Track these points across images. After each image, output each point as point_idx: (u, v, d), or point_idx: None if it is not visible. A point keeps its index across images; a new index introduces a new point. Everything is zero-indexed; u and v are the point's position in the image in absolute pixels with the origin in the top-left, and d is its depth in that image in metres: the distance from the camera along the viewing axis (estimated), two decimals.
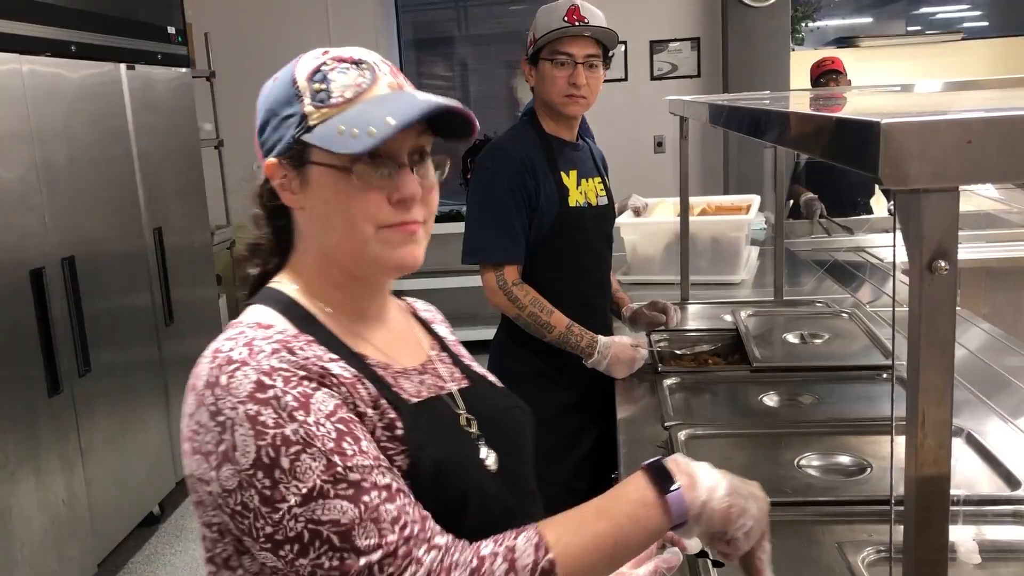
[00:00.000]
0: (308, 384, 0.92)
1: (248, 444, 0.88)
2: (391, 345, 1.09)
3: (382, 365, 1.04)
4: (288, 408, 0.89)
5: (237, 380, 0.90)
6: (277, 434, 0.87)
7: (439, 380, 1.10)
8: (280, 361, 0.92)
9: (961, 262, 0.67)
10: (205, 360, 0.95)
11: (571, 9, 2.19)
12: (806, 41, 6.08)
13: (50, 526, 2.99)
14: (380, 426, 0.96)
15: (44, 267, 3.00)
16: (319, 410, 0.90)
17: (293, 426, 0.88)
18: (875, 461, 1.63)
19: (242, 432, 0.88)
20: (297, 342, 0.96)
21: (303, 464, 0.87)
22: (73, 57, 3.33)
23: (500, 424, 1.11)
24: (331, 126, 0.97)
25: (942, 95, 1.69)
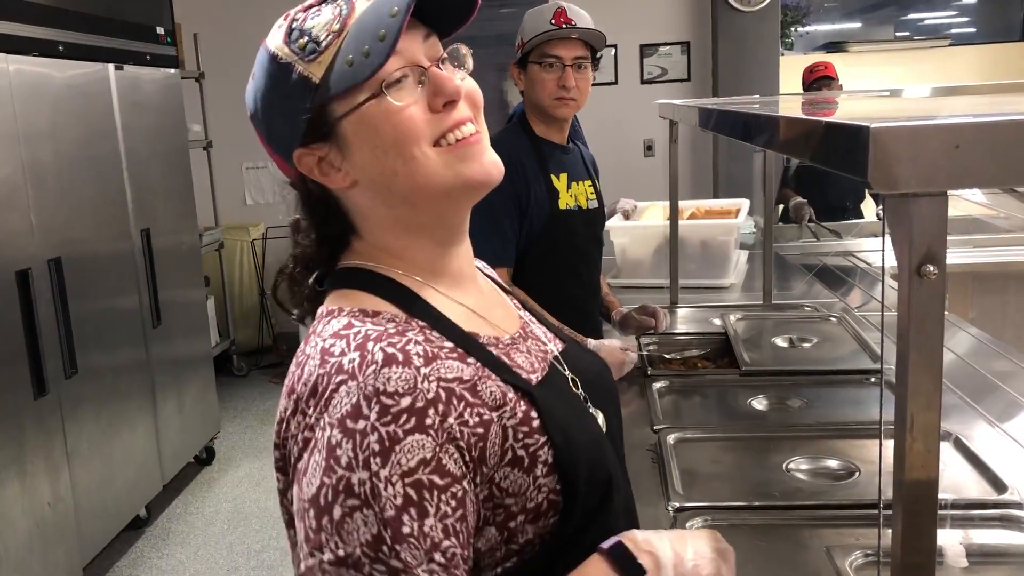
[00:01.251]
0: (405, 422, 0.81)
1: (315, 475, 0.81)
2: (491, 311, 1.01)
3: (493, 341, 0.95)
4: (368, 450, 0.79)
5: (339, 397, 0.82)
6: (343, 477, 0.79)
7: (540, 343, 1.03)
8: (389, 379, 0.82)
9: (949, 267, 0.67)
10: (312, 362, 0.86)
11: (558, 12, 2.19)
12: (796, 46, 6.11)
13: (35, 529, 2.97)
14: (512, 424, 0.87)
15: (30, 268, 2.98)
16: (398, 463, 0.80)
17: (362, 475, 0.79)
18: (863, 465, 1.64)
19: (317, 459, 0.81)
20: (412, 335, 0.86)
21: (353, 523, 0.79)
22: (61, 57, 3.31)
23: (598, 383, 1.05)
24: (339, 65, 0.87)
25: (930, 100, 1.70)
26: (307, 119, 0.89)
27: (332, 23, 0.89)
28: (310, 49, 0.89)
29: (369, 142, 0.89)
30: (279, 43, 0.92)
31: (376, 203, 0.93)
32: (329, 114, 0.89)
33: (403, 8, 0.85)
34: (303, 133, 0.90)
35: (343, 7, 0.90)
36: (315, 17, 0.91)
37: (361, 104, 0.88)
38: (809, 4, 6.18)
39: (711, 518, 1.47)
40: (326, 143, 0.90)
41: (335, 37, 0.88)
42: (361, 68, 0.85)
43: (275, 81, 0.91)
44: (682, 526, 1.44)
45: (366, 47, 0.85)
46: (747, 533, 1.45)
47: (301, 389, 0.85)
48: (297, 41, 0.90)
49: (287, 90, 0.90)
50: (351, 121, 0.89)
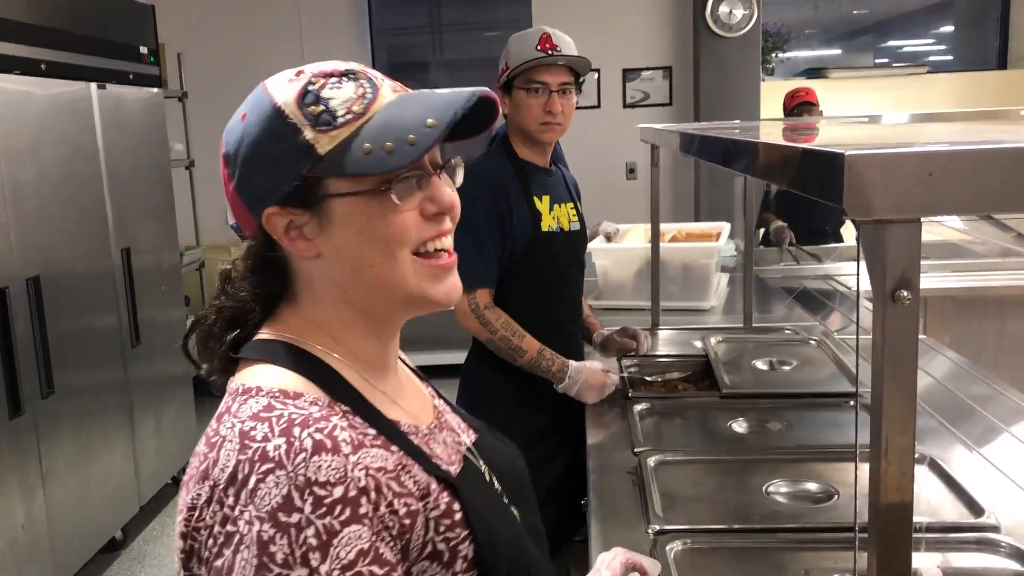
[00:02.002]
0: (340, 513, 0.77)
1: (246, 574, 0.76)
2: (410, 401, 0.99)
3: (413, 430, 0.93)
4: (305, 546, 0.76)
5: (266, 488, 0.77)
6: (280, 575, 0.75)
7: (453, 434, 1.00)
8: (319, 468, 0.78)
9: (927, 291, 0.68)
10: (230, 445, 0.80)
11: (543, 37, 2.21)
12: (776, 72, 6.17)
13: (7, 551, 2.93)
14: (435, 516, 0.85)
15: (8, 287, 2.96)
16: (338, 557, 0.76)
17: (301, 572, 0.75)
18: (842, 488, 1.64)
19: (246, 556, 0.76)
20: (336, 421, 0.83)
21: None
22: (43, 76, 3.31)
23: (512, 477, 1.03)
24: (354, 148, 0.84)
25: (907, 127, 1.72)
26: (296, 185, 0.86)
27: (354, 103, 0.86)
28: (324, 120, 0.85)
29: (356, 228, 0.87)
30: (289, 100, 0.87)
31: (333, 280, 0.91)
32: (322, 187, 0.86)
33: (442, 125, 0.84)
34: (285, 195, 0.87)
35: (368, 91, 0.88)
36: (335, 89, 0.87)
37: (362, 192, 0.86)
38: (790, 30, 6.25)
39: (691, 541, 1.47)
40: (307, 212, 0.87)
41: (355, 118, 0.86)
42: (379, 161, 0.83)
43: (273, 136, 0.87)
44: (662, 549, 1.43)
45: (390, 143, 0.83)
46: (727, 556, 1.45)
47: (218, 475, 0.80)
48: (310, 107, 0.86)
49: (284, 149, 0.86)
50: (345, 203, 0.86)
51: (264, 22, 5.94)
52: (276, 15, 5.94)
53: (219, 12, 5.95)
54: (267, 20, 5.94)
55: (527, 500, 1.03)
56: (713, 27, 5.50)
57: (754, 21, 5.48)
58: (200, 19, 5.90)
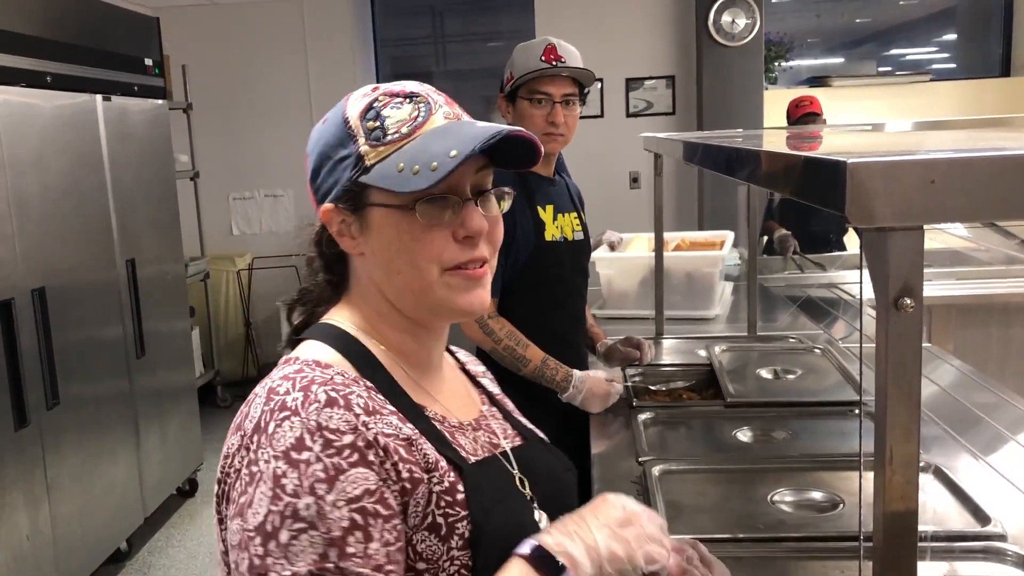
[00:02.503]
0: (348, 456, 0.86)
1: (261, 505, 0.84)
2: (448, 397, 1.06)
3: (439, 418, 1.00)
4: (313, 477, 0.84)
5: (282, 431, 0.86)
6: (290, 504, 0.83)
7: (493, 437, 1.06)
8: (331, 418, 0.87)
9: (931, 299, 0.68)
10: (258, 400, 0.91)
11: (548, 48, 2.21)
12: (779, 80, 6.17)
13: (12, 563, 2.93)
14: (438, 491, 0.91)
15: (13, 298, 2.97)
16: (344, 491, 0.84)
17: (308, 500, 0.83)
18: (848, 497, 1.64)
19: (263, 490, 0.85)
20: (356, 389, 0.92)
21: (300, 544, 0.82)
22: (49, 88, 3.32)
23: (552, 486, 1.08)
24: (390, 164, 0.94)
25: (910, 135, 1.72)
26: (346, 188, 0.96)
27: (404, 124, 0.96)
28: (375, 136, 0.96)
29: (387, 237, 0.96)
30: (355, 113, 0.98)
31: (373, 278, 1.01)
32: (367, 195, 0.96)
33: (460, 157, 0.90)
34: (339, 195, 0.97)
35: (421, 114, 0.97)
36: (395, 108, 0.97)
37: (395, 206, 0.94)
38: (792, 39, 6.26)
39: None
40: (353, 214, 0.98)
41: (401, 139, 0.95)
42: (404, 181, 0.91)
43: (337, 141, 0.98)
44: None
45: (417, 166, 0.91)
46: (732, 566, 1.44)
47: (247, 425, 0.90)
48: (369, 122, 0.97)
49: (342, 155, 0.97)
50: (381, 212, 0.96)
51: (268, 34, 5.96)
52: (280, 27, 5.97)
53: (223, 24, 5.97)
54: (271, 32, 5.96)
55: (562, 510, 1.03)
56: (716, 36, 5.51)
57: (756, 30, 5.49)
58: (204, 31, 5.92)
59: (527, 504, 1.02)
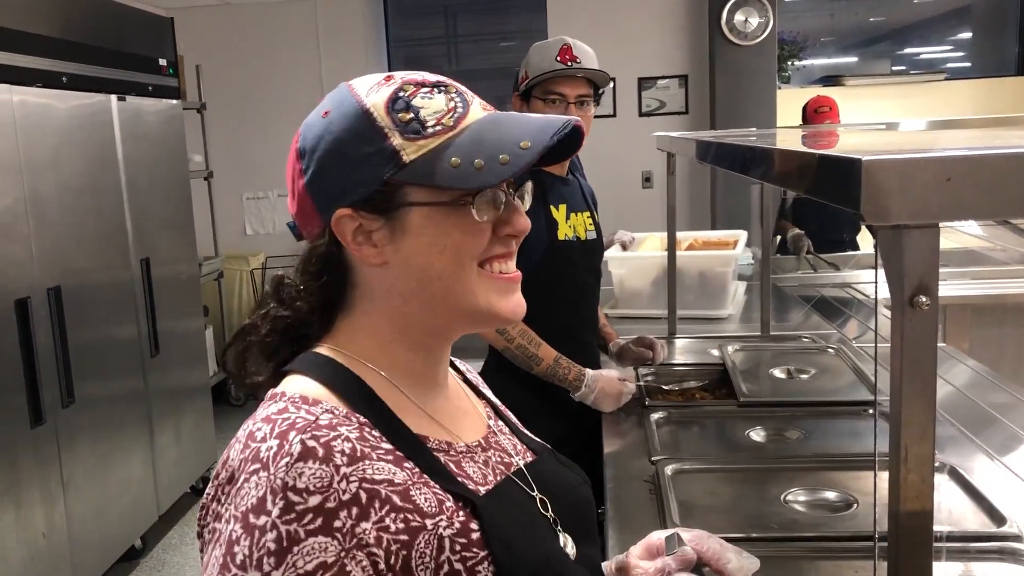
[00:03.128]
0: (309, 522, 0.76)
1: (213, 571, 0.78)
2: (453, 417, 0.96)
3: (443, 447, 0.90)
4: (263, 549, 0.75)
5: (247, 488, 0.78)
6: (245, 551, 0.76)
7: (504, 455, 0.97)
8: (301, 474, 0.77)
9: (945, 299, 0.68)
10: (238, 445, 0.82)
11: (564, 48, 2.21)
12: (792, 79, 6.15)
13: (29, 560, 2.95)
14: (449, 535, 0.81)
15: (30, 297, 2.99)
16: (293, 566, 0.75)
17: (253, 575, 0.75)
18: (861, 497, 1.63)
19: (216, 554, 0.78)
20: (344, 431, 0.82)
21: None
22: (64, 88, 3.34)
23: (571, 503, 0.99)
24: (438, 159, 0.84)
25: (924, 134, 1.72)
26: (375, 189, 0.85)
27: (445, 115, 0.86)
28: (413, 128, 0.85)
29: (430, 239, 0.86)
30: (378, 103, 0.86)
31: (396, 289, 0.89)
32: (402, 195, 0.86)
33: (537, 148, 0.84)
34: (361, 197, 0.86)
35: (459, 105, 0.88)
36: (427, 98, 0.87)
37: (442, 203, 0.85)
38: (806, 38, 6.24)
39: None
40: (380, 218, 0.86)
41: (444, 131, 0.86)
42: (468, 177, 0.83)
43: (357, 137, 0.86)
44: None
45: (480, 160, 0.83)
46: None
47: (222, 473, 0.82)
48: (400, 113, 0.86)
49: (368, 152, 0.85)
50: (422, 212, 0.86)
51: (281, 34, 5.98)
52: (293, 27, 5.99)
53: (237, 24, 6.00)
54: (284, 32, 5.98)
55: (584, 529, 0.99)
56: (729, 35, 5.49)
57: (770, 29, 5.47)
58: (218, 31, 5.95)
59: (550, 528, 0.93)
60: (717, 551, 1.01)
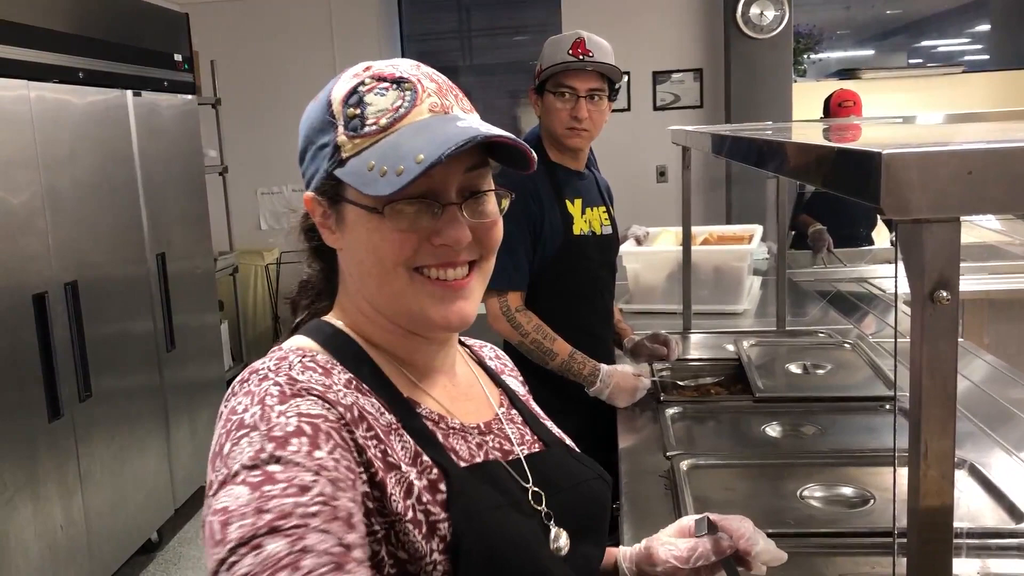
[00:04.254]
0: (308, 395, 0.81)
1: (220, 436, 0.80)
2: (453, 399, 0.95)
3: (434, 417, 0.90)
4: (264, 393, 0.80)
5: (250, 384, 0.82)
6: (236, 420, 0.79)
7: (505, 443, 0.96)
8: (304, 373, 0.83)
9: (964, 294, 0.67)
10: (236, 381, 0.86)
11: (577, 42, 2.20)
12: (808, 73, 6.11)
13: (47, 552, 2.97)
14: (420, 485, 0.83)
15: (47, 292, 3.00)
16: (296, 406, 0.79)
17: (255, 410, 0.79)
18: (878, 493, 1.62)
19: (219, 426, 0.82)
20: (336, 371, 0.87)
21: (239, 448, 0.77)
22: (80, 83, 3.36)
23: (574, 498, 0.96)
24: (362, 161, 0.84)
25: (944, 127, 1.70)
26: (323, 179, 0.89)
27: (384, 115, 0.85)
28: (353, 126, 0.86)
29: (359, 236, 0.88)
30: (338, 96, 0.88)
31: (351, 275, 0.94)
32: (341, 190, 0.88)
33: (427, 163, 0.80)
34: (318, 185, 0.90)
35: (404, 105, 0.86)
36: (378, 95, 0.86)
37: (364, 206, 0.86)
38: (822, 31, 6.19)
39: None
40: (331, 207, 0.90)
41: (377, 132, 0.85)
42: (372, 182, 0.82)
43: (319, 123, 0.90)
44: None
45: (385, 168, 0.81)
46: None
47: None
48: (350, 108, 0.86)
49: (323, 142, 0.88)
50: (354, 210, 0.88)
51: (296, 29, 5.99)
52: (307, 22, 5.99)
53: (251, 19, 6.01)
54: (299, 27, 5.99)
55: (587, 527, 0.96)
56: (744, 28, 5.46)
57: (785, 22, 5.44)
58: (233, 26, 5.96)
59: (534, 518, 0.90)
60: (748, 532, 1.01)
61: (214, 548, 0.72)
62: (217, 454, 0.79)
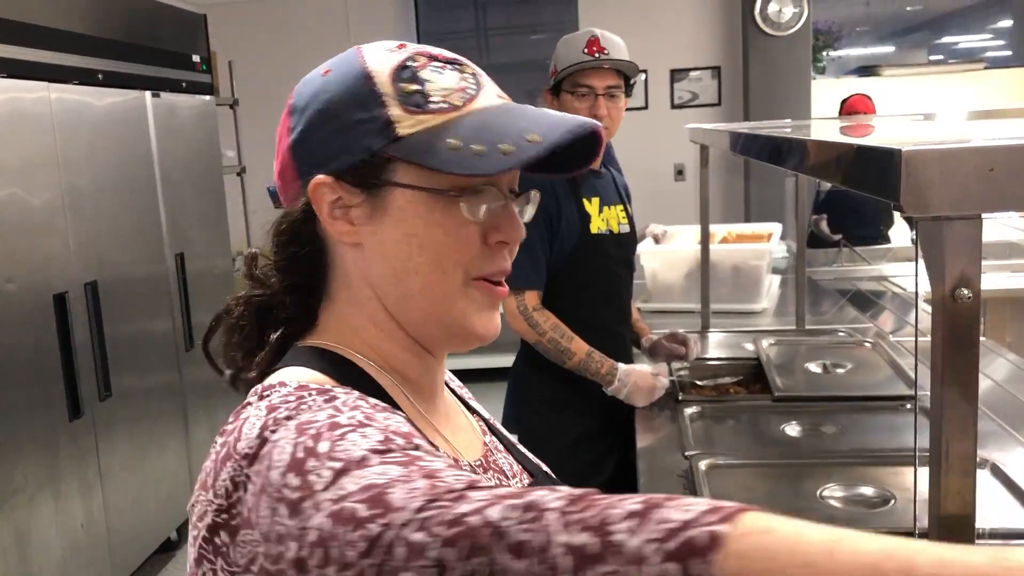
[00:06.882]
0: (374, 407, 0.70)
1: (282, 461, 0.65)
2: (454, 432, 0.88)
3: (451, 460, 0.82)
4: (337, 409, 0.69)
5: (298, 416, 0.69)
6: (318, 427, 0.66)
7: (502, 477, 0.90)
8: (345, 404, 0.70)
9: (985, 292, 0.66)
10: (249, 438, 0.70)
11: (591, 40, 2.20)
12: (828, 70, 6.08)
13: (68, 550, 2.99)
14: None
15: (67, 291, 3.03)
16: (386, 417, 0.68)
17: (352, 414, 0.68)
18: (899, 492, 1.61)
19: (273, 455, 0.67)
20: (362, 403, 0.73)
21: (348, 441, 0.64)
22: (100, 85, 3.38)
23: None
24: (434, 138, 0.75)
25: (964, 124, 1.68)
26: (360, 159, 0.77)
27: (452, 94, 0.78)
28: (415, 101, 0.77)
29: (409, 228, 0.77)
30: (382, 69, 0.78)
31: (369, 278, 0.81)
32: (388, 171, 0.77)
33: (545, 143, 0.74)
34: (344, 166, 0.77)
35: (471, 86, 0.80)
36: (436, 73, 0.79)
37: (429, 189, 0.76)
38: (841, 28, 6.15)
39: None
40: (361, 193, 0.78)
41: (449, 109, 0.77)
42: (463, 161, 0.73)
43: (353, 100, 0.78)
44: None
45: (480, 146, 0.74)
46: None
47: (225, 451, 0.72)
48: (405, 83, 0.77)
49: (360, 118, 0.77)
50: (406, 195, 0.77)
51: (312, 30, 6.01)
52: (324, 23, 6.01)
53: (269, 20, 6.04)
54: (315, 28, 6.01)
55: None
56: (762, 26, 5.44)
57: (804, 19, 5.41)
58: (250, 27, 5.99)
59: None
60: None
61: (364, 527, 0.57)
62: (300, 461, 0.63)
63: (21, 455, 2.79)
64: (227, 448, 0.72)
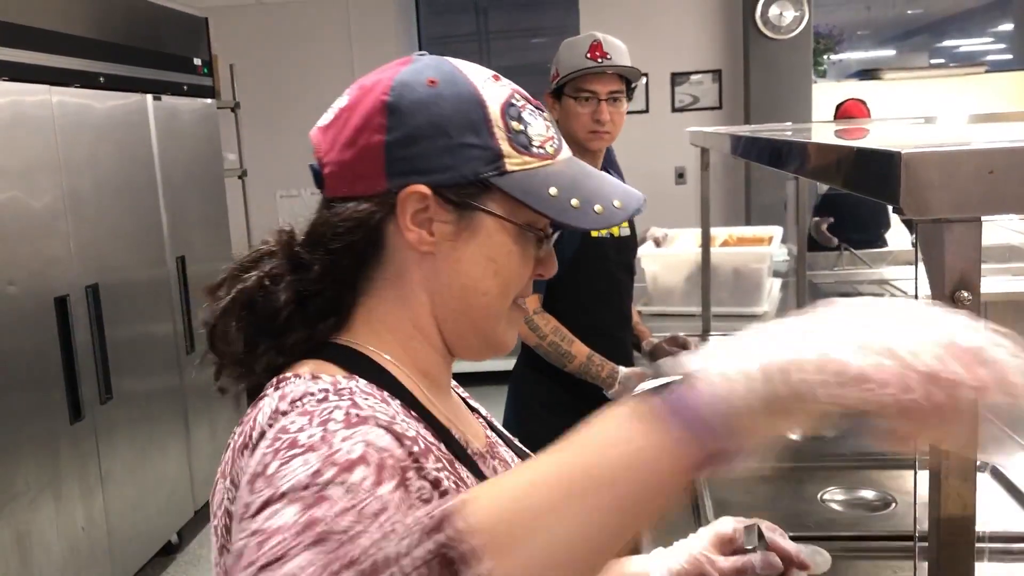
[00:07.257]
0: (377, 425, 0.70)
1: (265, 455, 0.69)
2: (464, 422, 0.93)
3: (465, 442, 0.88)
4: (326, 416, 0.70)
5: (305, 404, 0.73)
6: (289, 439, 0.69)
7: (506, 466, 0.95)
8: (367, 399, 0.74)
9: (987, 295, 0.66)
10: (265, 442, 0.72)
11: (594, 45, 2.20)
12: (828, 73, 6.08)
13: (69, 553, 2.99)
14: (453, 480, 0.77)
15: (68, 294, 3.03)
16: (364, 433, 0.69)
17: (314, 431, 0.69)
18: (900, 496, 1.61)
19: (263, 446, 0.72)
20: (392, 401, 0.79)
21: (289, 467, 0.66)
22: (101, 88, 3.39)
23: None
24: (535, 181, 0.82)
25: (965, 127, 1.68)
26: (468, 178, 0.81)
27: (547, 142, 0.86)
28: (521, 141, 0.83)
29: (491, 253, 0.84)
30: (493, 100, 0.83)
31: (428, 286, 0.85)
32: (483, 198, 0.82)
33: (626, 212, 0.85)
34: (446, 183, 0.81)
35: (556, 138, 0.88)
36: (533, 116, 0.86)
37: (518, 224, 0.84)
38: (842, 32, 6.16)
39: None
40: (454, 211, 0.82)
41: (546, 156, 0.85)
42: (563, 211, 0.83)
43: (467, 124, 0.81)
44: None
45: (577, 201, 0.83)
46: None
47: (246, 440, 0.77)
48: (514, 121, 0.83)
49: (471, 143, 0.81)
50: (495, 224, 0.83)
51: (314, 33, 6.02)
52: (326, 26, 6.02)
53: (270, 24, 6.04)
54: (317, 31, 6.02)
55: None
56: (763, 29, 5.44)
57: (805, 23, 5.41)
58: (252, 31, 5.99)
59: None
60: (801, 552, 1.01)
61: (242, 572, 0.61)
62: (259, 474, 0.67)
63: (22, 458, 2.79)
64: (243, 437, 0.77)
